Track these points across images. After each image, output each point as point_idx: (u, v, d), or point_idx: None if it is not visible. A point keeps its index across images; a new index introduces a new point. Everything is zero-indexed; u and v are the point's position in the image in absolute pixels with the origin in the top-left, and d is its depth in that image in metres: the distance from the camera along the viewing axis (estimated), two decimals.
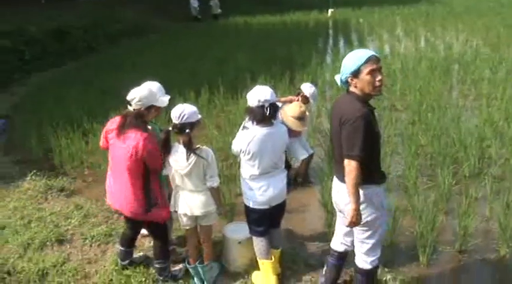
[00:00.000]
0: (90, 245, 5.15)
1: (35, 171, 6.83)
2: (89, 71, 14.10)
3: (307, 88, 6.06)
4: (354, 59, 3.25)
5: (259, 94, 3.86)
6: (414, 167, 6.02)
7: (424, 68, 11.34)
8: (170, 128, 3.91)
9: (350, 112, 3.22)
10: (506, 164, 6.22)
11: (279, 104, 5.50)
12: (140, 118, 3.93)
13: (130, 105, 3.95)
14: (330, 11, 27.64)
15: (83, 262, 4.89)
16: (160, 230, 4.29)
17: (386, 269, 4.35)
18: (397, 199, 5.44)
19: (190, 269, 4.33)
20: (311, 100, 6.08)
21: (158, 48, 17.18)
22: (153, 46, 18.22)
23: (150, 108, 4.00)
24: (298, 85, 10.01)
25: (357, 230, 3.55)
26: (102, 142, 4.25)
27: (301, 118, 5.54)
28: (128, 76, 5.99)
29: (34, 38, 15.99)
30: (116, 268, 4.63)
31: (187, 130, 3.83)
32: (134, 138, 3.82)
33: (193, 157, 3.85)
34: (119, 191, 4.07)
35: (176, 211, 4.17)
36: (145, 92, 3.97)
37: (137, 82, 4.30)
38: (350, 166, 3.22)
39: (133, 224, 4.39)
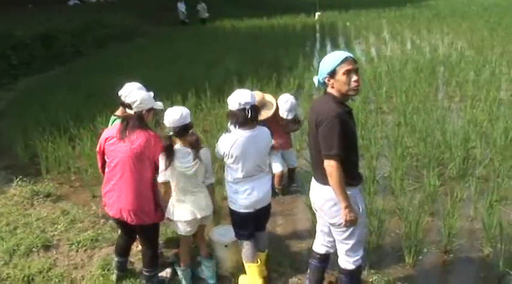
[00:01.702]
0: (77, 251, 5.13)
1: (21, 176, 6.79)
2: (76, 75, 14.03)
3: (281, 103, 5.86)
4: (330, 60, 3.30)
5: (239, 97, 3.87)
6: (400, 169, 6.07)
7: (410, 70, 11.44)
8: (171, 133, 3.92)
9: (325, 112, 3.26)
10: (490, 165, 6.28)
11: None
12: (142, 120, 3.98)
13: (131, 108, 3.98)
14: (317, 14, 27.78)
15: (69, 267, 4.87)
16: (154, 235, 4.27)
17: (372, 271, 4.39)
18: (383, 201, 5.48)
19: (181, 272, 4.32)
20: (286, 113, 5.84)
21: (146, 52, 17.17)
22: (141, 50, 18.20)
23: (149, 110, 4.06)
24: (284, 89, 10.16)
25: (335, 231, 3.58)
26: (98, 147, 4.21)
27: (262, 105, 5.35)
28: (115, 80, 5.96)
29: (21, 42, 15.88)
30: (103, 273, 4.61)
31: (191, 131, 3.94)
32: (143, 137, 3.87)
33: (199, 156, 3.92)
34: (122, 195, 4.00)
35: (170, 220, 4.14)
36: (146, 95, 4.04)
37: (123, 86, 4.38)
38: (330, 166, 3.25)
39: (130, 231, 4.32)
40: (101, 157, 4.20)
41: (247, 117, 3.86)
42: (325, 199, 3.47)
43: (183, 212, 4.05)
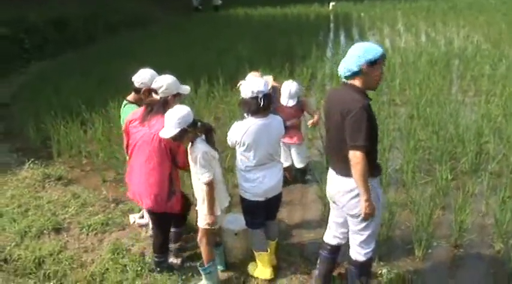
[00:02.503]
0: (87, 234, 5.17)
1: (33, 159, 6.84)
2: (88, 61, 14.06)
3: (282, 90, 5.62)
4: (373, 50, 3.31)
5: (252, 85, 3.85)
6: (412, 162, 6.02)
7: (424, 63, 11.32)
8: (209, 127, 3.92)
9: (352, 103, 3.25)
10: (504, 160, 6.22)
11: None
12: (166, 106, 3.96)
13: (156, 93, 4.01)
14: (331, 4, 27.58)
15: (79, 250, 4.91)
16: (164, 224, 4.28)
17: (381, 263, 4.38)
18: (394, 193, 5.45)
19: (209, 271, 4.14)
20: (286, 100, 5.58)
21: (158, 39, 17.14)
22: (154, 37, 18.17)
23: (175, 95, 4.08)
24: (297, 78, 10.11)
25: (352, 221, 3.57)
26: (124, 127, 4.25)
27: None
28: (127, 66, 5.98)
29: (34, 26, 15.93)
30: (112, 257, 4.64)
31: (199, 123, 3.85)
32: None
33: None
34: (141, 179, 4.05)
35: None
36: (172, 80, 4.06)
37: (136, 72, 4.40)
38: (356, 157, 3.24)
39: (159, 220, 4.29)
40: (126, 138, 4.23)
41: (260, 106, 3.84)
42: (345, 190, 3.46)
43: (222, 201, 4.03)
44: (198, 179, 3.82)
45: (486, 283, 4.26)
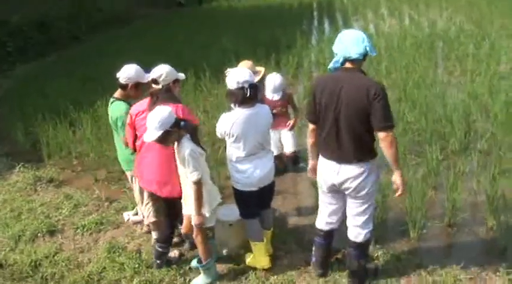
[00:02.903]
0: (82, 235, 5.16)
1: (23, 163, 6.80)
2: (73, 60, 13.92)
3: (267, 83, 5.56)
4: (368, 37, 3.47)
5: (238, 76, 3.85)
6: (402, 144, 6.05)
7: (409, 46, 11.33)
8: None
9: (375, 86, 3.38)
10: (492, 138, 6.27)
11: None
12: (170, 92, 4.13)
13: (157, 83, 4.12)
14: None
15: (75, 251, 4.91)
16: (179, 212, 4.26)
17: (377, 246, 4.42)
18: (386, 176, 5.48)
19: (209, 267, 4.16)
20: (271, 95, 5.56)
21: (142, 36, 17.00)
22: (138, 33, 18.02)
23: (175, 81, 4.22)
24: (284, 68, 10.10)
25: (356, 203, 3.67)
26: (129, 121, 4.27)
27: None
28: (112, 64, 5.94)
29: (17, 29, 15.73)
30: (109, 255, 4.64)
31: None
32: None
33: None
34: (151, 167, 4.10)
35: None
36: (169, 68, 4.18)
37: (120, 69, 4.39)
38: (390, 136, 3.39)
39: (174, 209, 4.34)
40: (132, 132, 4.25)
41: (246, 96, 3.84)
42: (356, 175, 3.53)
43: (212, 201, 4.01)
44: (186, 177, 3.80)
45: (481, 260, 4.31)
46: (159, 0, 27.31)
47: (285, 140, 5.89)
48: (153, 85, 4.17)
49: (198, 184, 3.74)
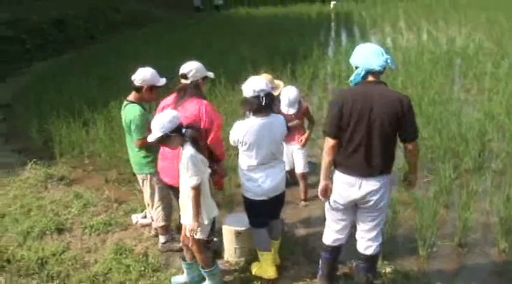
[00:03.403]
0: (90, 235, 5.16)
1: (35, 159, 6.84)
2: (89, 60, 14.06)
3: (282, 97, 5.24)
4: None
5: (254, 84, 3.85)
6: None
7: (426, 61, 11.29)
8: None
9: (405, 98, 3.44)
10: (507, 158, 6.20)
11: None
12: (198, 89, 4.19)
13: (186, 78, 4.18)
14: (332, 3, 27.50)
15: (82, 251, 4.90)
16: None
17: (386, 262, 4.36)
18: (398, 192, 5.43)
19: (213, 272, 4.11)
20: (286, 109, 5.21)
21: (159, 38, 17.12)
22: (154, 36, 18.15)
23: (204, 78, 4.29)
24: (299, 78, 10.08)
25: (371, 216, 3.67)
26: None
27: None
28: (129, 65, 5.99)
29: (36, 27, 15.94)
30: (115, 257, 4.63)
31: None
32: (195, 105, 4.06)
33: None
34: (175, 161, 4.03)
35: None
36: (199, 64, 4.26)
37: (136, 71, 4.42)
38: (417, 146, 3.59)
39: None
40: None
41: (261, 104, 3.83)
42: (376, 188, 3.55)
43: (210, 210, 3.92)
44: (185, 182, 3.75)
45: (491, 282, 4.23)
46: (177, 4, 27.53)
47: (296, 159, 5.61)
48: (182, 80, 4.23)
49: (196, 190, 3.68)
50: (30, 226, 5.25)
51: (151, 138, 3.69)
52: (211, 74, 4.39)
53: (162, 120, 3.63)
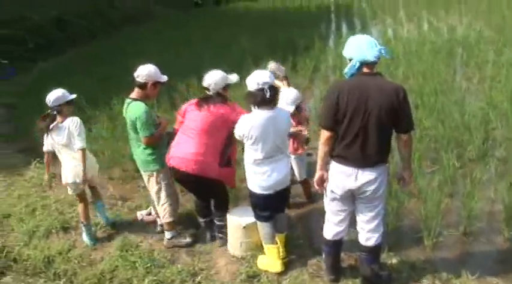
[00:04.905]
0: (95, 232, 5.17)
1: (39, 159, 6.83)
2: (91, 58, 14.07)
3: (283, 96, 4.78)
4: None
5: (257, 77, 3.87)
6: (418, 150, 5.98)
7: (427, 51, 11.22)
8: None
9: (401, 88, 3.46)
10: (511, 146, 6.17)
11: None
12: (222, 96, 4.45)
13: (208, 90, 4.45)
14: None
15: (88, 248, 4.93)
16: (222, 190, 4.68)
17: (391, 253, 4.36)
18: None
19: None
20: (292, 106, 4.80)
21: (159, 35, 17.09)
22: (155, 33, 18.12)
23: (226, 87, 4.51)
24: (301, 71, 10.04)
25: (369, 207, 3.68)
26: (180, 111, 4.62)
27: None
28: (130, 63, 5.97)
29: (37, 26, 15.94)
30: (121, 254, 4.65)
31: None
32: (223, 108, 4.35)
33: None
34: (188, 146, 4.36)
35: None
36: (217, 77, 4.47)
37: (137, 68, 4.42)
38: (411, 137, 3.59)
39: (199, 189, 4.68)
40: (181, 120, 4.54)
41: (266, 97, 3.83)
42: (373, 178, 3.55)
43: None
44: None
45: (496, 270, 4.23)
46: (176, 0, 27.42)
47: (295, 167, 5.31)
48: (206, 91, 4.48)
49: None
50: (36, 226, 5.27)
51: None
52: (232, 79, 4.57)
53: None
